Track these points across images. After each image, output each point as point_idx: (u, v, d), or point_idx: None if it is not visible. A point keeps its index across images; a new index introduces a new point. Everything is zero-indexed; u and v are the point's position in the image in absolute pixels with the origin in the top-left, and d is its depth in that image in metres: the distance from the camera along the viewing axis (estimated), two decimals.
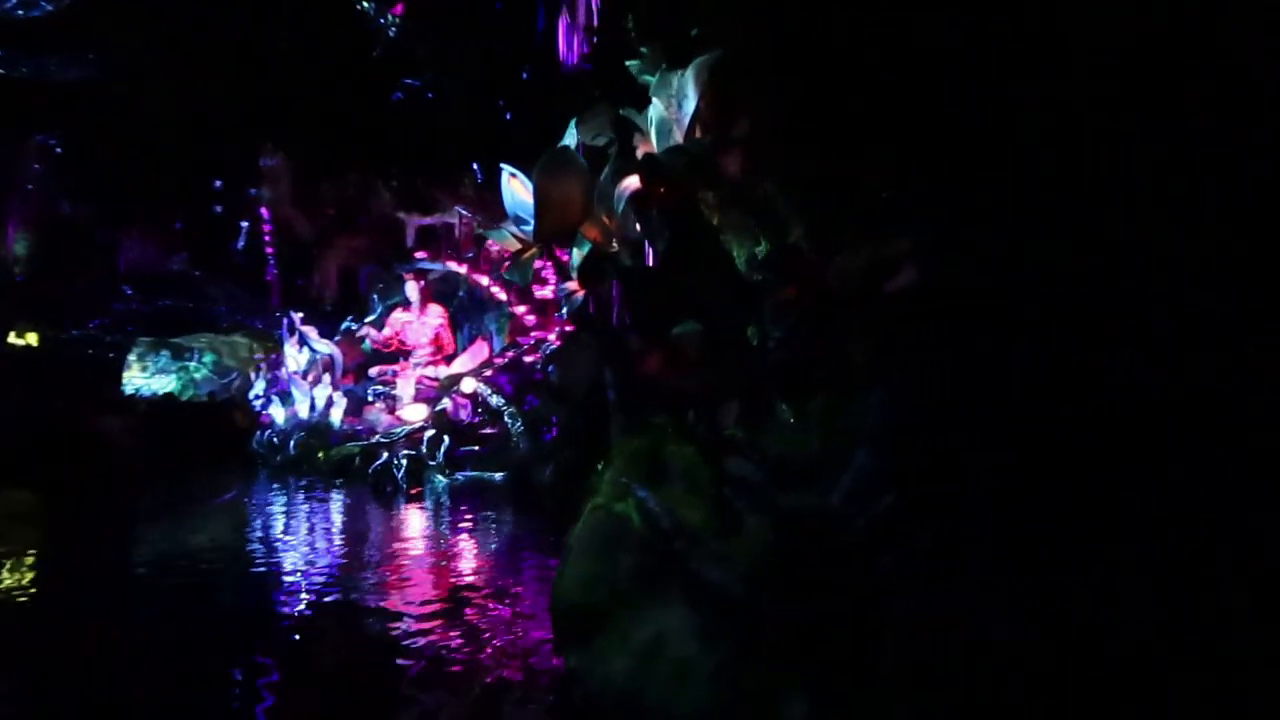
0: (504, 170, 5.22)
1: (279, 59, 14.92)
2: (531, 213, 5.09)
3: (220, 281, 25.16)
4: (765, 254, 4.62)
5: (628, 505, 4.80)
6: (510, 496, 15.82)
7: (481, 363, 21.84)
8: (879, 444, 3.70)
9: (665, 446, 4.77)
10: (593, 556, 4.97)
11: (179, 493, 15.84)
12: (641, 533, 4.71)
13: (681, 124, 4.65)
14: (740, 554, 4.37)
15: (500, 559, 9.49)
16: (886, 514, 3.73)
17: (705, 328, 3.82)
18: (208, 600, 7.06)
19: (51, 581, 8.29)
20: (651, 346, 4.08)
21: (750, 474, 4.70)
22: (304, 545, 9.97)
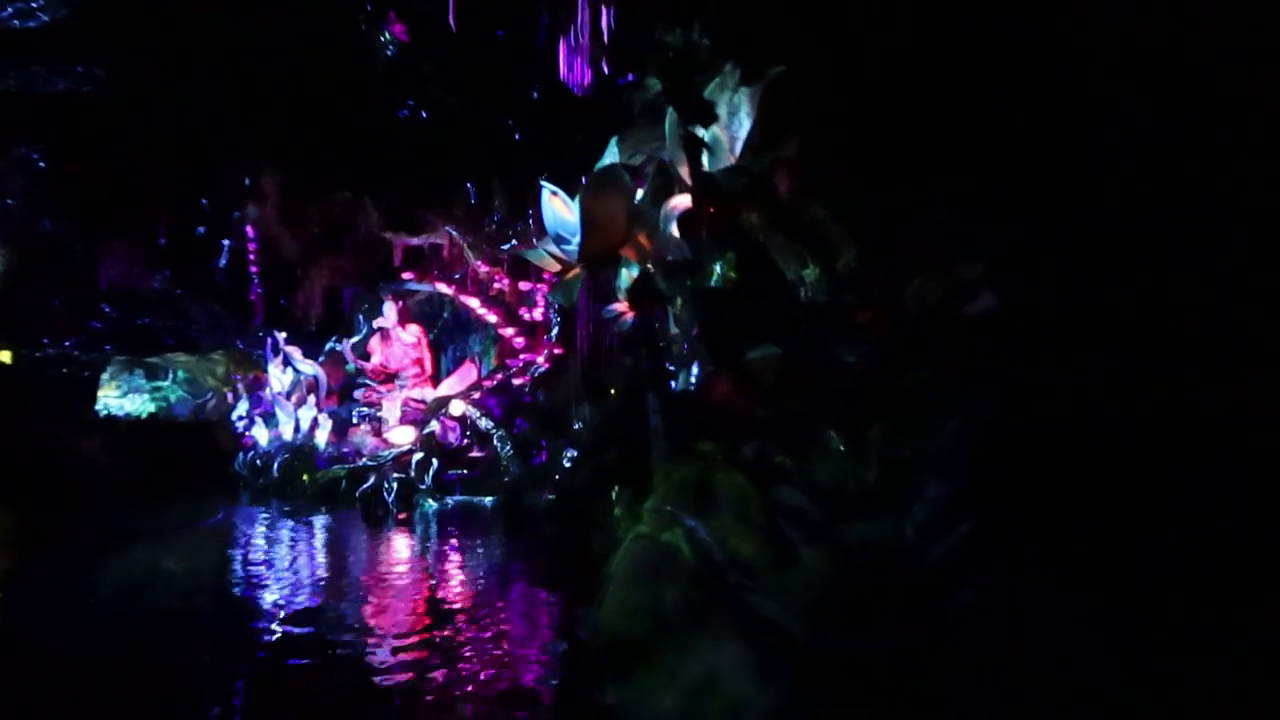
0: (544, 188, 5.09)
1: (272, 74, 14.73)
2: (573, 231, 4.96)
3: (202, 300, 24.75)
4: (825, 276, 4.52)
5: (675, 535, 4.66)
6: (503, 522, 15.56)
7: (470, 385, 21.57)
8: (955, 472, 3.58)
9: (714, 474, 4.64)
10: (637, 587, 4.81)
11: (159, 516, 15.41)
12: (691, 563, 4.56)
13: (735, 144, 4.57)
14: (799, 588, 4.24)
15: (498, 594, 9.28)
16: (964, 546, 3.62)
17: (784, 352, 3.70)
18: (189, 643, 6.66)
19: (21, 614, 7.97)
20: (723, 370, 3.96)
21: (802, 504, 4.58)
22: (294, 578, 9.69)
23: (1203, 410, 3.27)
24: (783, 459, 4.75)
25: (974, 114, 3.87)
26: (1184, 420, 3.25)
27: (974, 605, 3.53)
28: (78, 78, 13.47)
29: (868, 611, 3.90)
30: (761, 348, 3.84)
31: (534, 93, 11.35)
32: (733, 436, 4.23)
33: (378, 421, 22.30)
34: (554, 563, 10.95)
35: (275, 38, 13.22)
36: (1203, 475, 3.18)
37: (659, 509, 4.90)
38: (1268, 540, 2.94)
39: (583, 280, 20.94)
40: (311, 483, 19.18)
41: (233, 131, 17.52)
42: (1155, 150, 3.61)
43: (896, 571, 3.83)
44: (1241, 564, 2.98)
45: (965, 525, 3.49)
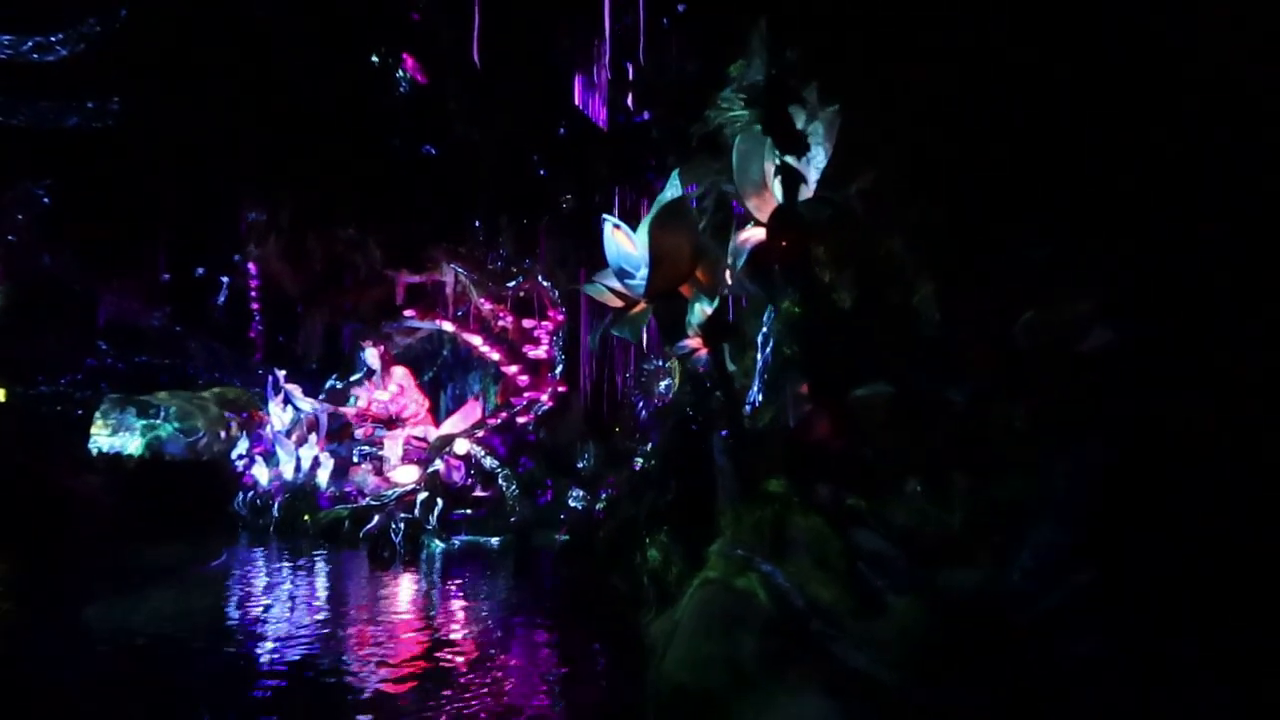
0: (606, 221, 4.95)
1: (281, 112, 14.66)
2: (636, 265, 4.82)
3: (201, 338, 24.49)
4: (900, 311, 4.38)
5: (750, 580, 4.46)
6: (513, 563, 15.23)
7: (474, 423, 21.31)
8: (1069, 516, 3.41)
9: (790, 517, 4.45)
10: (707, 636, 4.60)
11: (158, 559, 15.00)
12: (768, 611, 4.36)
13: (816, 174, 4.45)
14: (891, 636, 4.04)
15: (530, 645, 9.04)
16: (1081, 595, 3.43)
17: (898, 389, 3.55)
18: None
19: (33, 666, 7.66)
20: (824, 408, 3.80)
21: (882, 548, 4.39)
22: (316, 633, 9.40)
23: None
24: (856, 501, 4.57)
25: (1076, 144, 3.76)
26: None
27: (1095, 657, 3.34)
28: (88, 113, 13.37)
29: (971, 662, 3.70)
30: (871, 384, 3.69)
31: (559, 129, 11.31)
32: (816, 477, 4.04)
33: (379, 460, 21.98)
34: (579, 609, 10.68)
35: (287, 75, 13.18)
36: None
37: (728, 553, 4.71)
38: None
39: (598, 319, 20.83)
40: (314, 523, 18.82)
41: (238, 168, 17.42)
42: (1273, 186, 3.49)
43: (1002, 620, 3.64)
44: None
45: (1085, 572, 3.31)
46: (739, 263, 4.47)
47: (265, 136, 15.11)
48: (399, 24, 11.96)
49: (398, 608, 10.77)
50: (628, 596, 10.56)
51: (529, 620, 10.35)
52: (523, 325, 22.80)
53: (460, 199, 15.96)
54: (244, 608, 10.32)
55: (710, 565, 4.82)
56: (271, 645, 8.10)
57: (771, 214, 4.29)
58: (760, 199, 4.79)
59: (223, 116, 14.18)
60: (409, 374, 22.24)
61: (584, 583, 11.78)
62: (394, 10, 11.62)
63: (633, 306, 4.94)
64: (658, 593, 8.68)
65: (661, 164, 9.99)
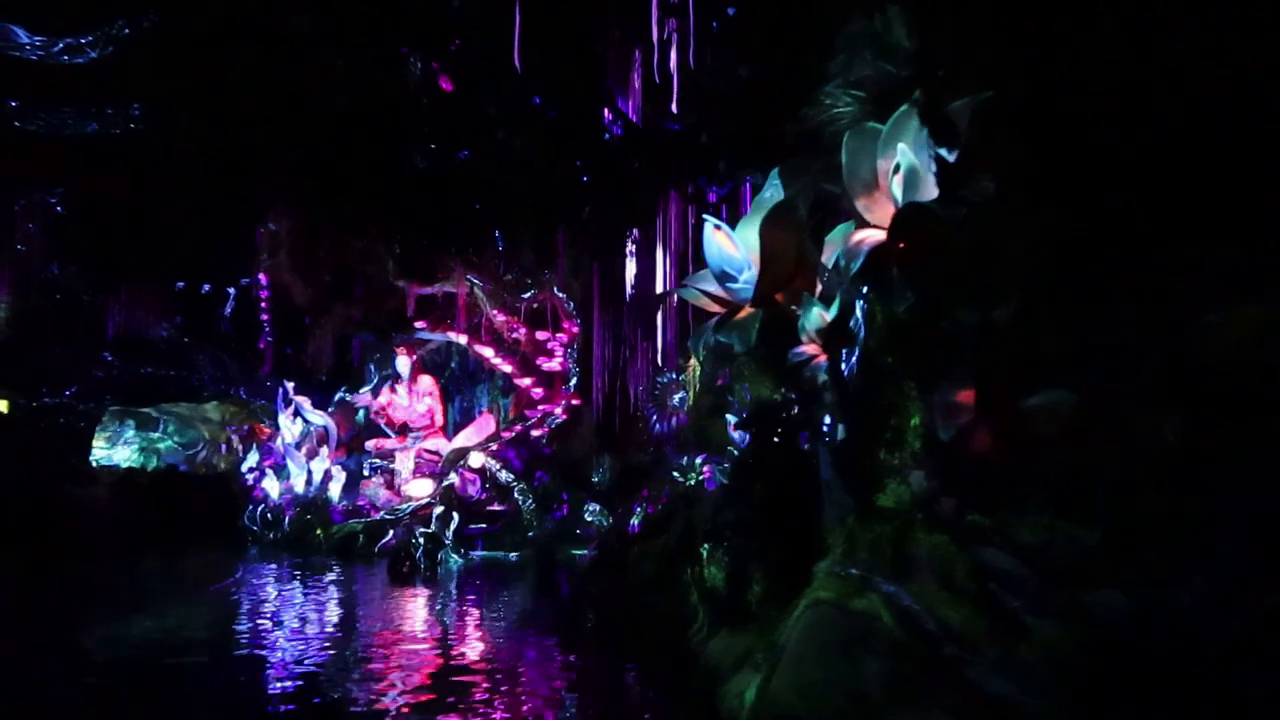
0: (707, 222, 4.74)
1: (300, 120, 14.43)
2: (739, 268, 4.61)
3: (209, 349, 24.16)
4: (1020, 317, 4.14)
5: (871, 601, 4.21)
6: (534, 579, 14.93)
7: (488, 436, 21.02)
8: (1255, 535, 3.17)
9: (912, 534, 4.20)
10: (823, 660, 4.34)
11: (171, 576, 14.67)
12: (894, 634, 4.12)
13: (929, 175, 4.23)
14: (1035, 662, 3.79)
15: (580, 669, 8.78)
16: (1272, 620, 3.19)
17: (1082, 397, 3.32)
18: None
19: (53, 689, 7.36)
20: (989, 418, 3.57)
21: (1012, 567, 4.15)
22: (355, 657, 9.11)
23: None
24: (979, 517, 4.32)
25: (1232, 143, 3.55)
26: None
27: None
28: (108, 120, 13.10)
29: (1136, 691, 3.45)
30: (1050, 392, 3.45)
31: (604, 134, 11.10)
32: (979, 492, 3.80)
33: (390, 474, 21.64)
34: (616, 628, 10.38)
35: (312, 82, 12.95)
36: None
37: (840, 572, 4.45)
38: None
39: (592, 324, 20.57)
40: (326, 537, 18.48)
41: (253, 177, 17.16)
42: None
43: (1172, 647, 3.39)
44: None
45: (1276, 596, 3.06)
46: (854, 265, 4.25)
47: (284, 145, 14.87)
48: (434, 30, 11.75)
49: (432, 629, 10.46)
50: (668, 614, 10.32)
51: (566, 639, 10.08)
52: (536, 337, 22.54)
53: (481, 208, 15.72)
54: (274, 629, 9.98)
55: (819, 585, 4.57)
56: (315, 668, 7.81)
57: (899, 213, 4.07)
58: (870, 199, 4.57)
59: (242, 124, 13.94)
60: (435, 385, 21.98)
61: (616, 600, 11.50)
62: (428, 16, 11.42)
63: (735, 311, 4.72)
64: (712, 611, 8.43)
65: (713, 169, 9.81)
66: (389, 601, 12.44)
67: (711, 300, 4.98)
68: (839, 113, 4.83)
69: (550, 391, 22.33)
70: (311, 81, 12.81)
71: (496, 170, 13.19)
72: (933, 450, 4.57)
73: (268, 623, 10.30)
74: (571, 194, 13.11)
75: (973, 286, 4.27)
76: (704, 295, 4.98)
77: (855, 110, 4.75)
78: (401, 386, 21.87)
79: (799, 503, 5.00)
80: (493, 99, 11.99)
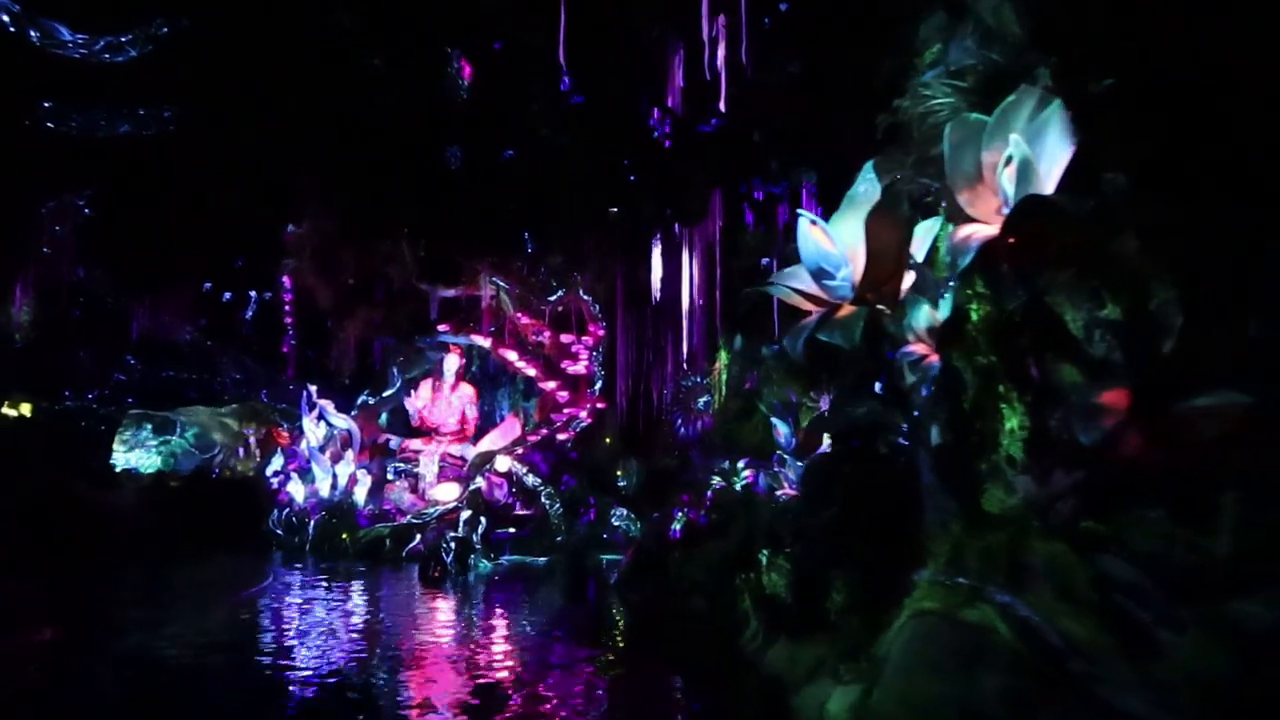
0: (802, 217, 4.57)
1: (333, 119, 14.32)
2: (836, 265, 4.43)
3: (233, 353, 24.09)
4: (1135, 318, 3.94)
5: (985, 613, 4.02)
6: (565, 585, 14.75)
7: (513, 440, 20.83)
8: None
9: (1028, 542, 4.01)
10: (933, 674, 4.15)
11: (202, 582, 14.51)
12: (1013, 647, 3.92)
13: (1050, 166, 4.04)
14: (1173, 679, 3.59)
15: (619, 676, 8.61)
16: None
17: (1258, 398, 3.13)
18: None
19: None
20: (1145, 419, 3.38)
21: (1135, 577, 3.94)
22: (408, 665, 8.95)
23: None
24: (1095, 525, 4.12)
25: None
26: None
27: None
28: (140, 120, 13.00)
29: None
30: (1218, 393, 3.26)
31: (653, 132, 10.93)
32: (1133, 500, 3.61)
33: (414, 478, 21.48)
34: (659, 635, 10.20)
35: (347, 82, 12.83)
36: None
37: (946, 581, 4.26)
38: None
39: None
40: (353, 542, 18.31)
41: (284, 179, 17.06)
42: None
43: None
44: None
45: None
46: (963, 261, 4.07)
47: (316, 146, 14.75)
48: (477, 28, 11.62)
49: (471, 635, 10.30)
50: (714, 621, 10.14)
51: (607, 646, 9.93)
52: (560, 340, 22.38)
53: (513, 209, 15.57)
54: (318, 636, 9.83)
55: (922, 595, 4.38)
56: (367, 674, 7.66)
57: (1017, 206, 3.89)
58: (973, 192, 4.39)
59: (276, 124, 13.83)
60: (475, 396, 21.94)
61: (657, 606, 11.32)
62: (472, 15, 11.28)
63: (834, 309, 4.53)
64: (769, 619, 8.24)
65: (765, 167, 9.64)
66: (425, 607, 12.29)
67: (804, 299, 4.80)
68: (937, 104, 4.65)
69: (575, 395, 22.15)
70: (349, 81, 12.69)
71: (538, 169, 12.99)
72: (1040, 454, 4.39)
73: (311, 629, 10.17)
74: (612, 194, 12.92)
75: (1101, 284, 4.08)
76: (796, 293, 4.81)
77: (955, 101, 4.56)
78: (444, 387, 21.79)
79: (890, 508, 4.81)
80: (537, 96, 11.83)
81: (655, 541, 12.30)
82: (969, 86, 4.55)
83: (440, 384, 21.63)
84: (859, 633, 5.25)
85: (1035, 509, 4.04)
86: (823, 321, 4.66)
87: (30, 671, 7.87)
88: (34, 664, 8.16)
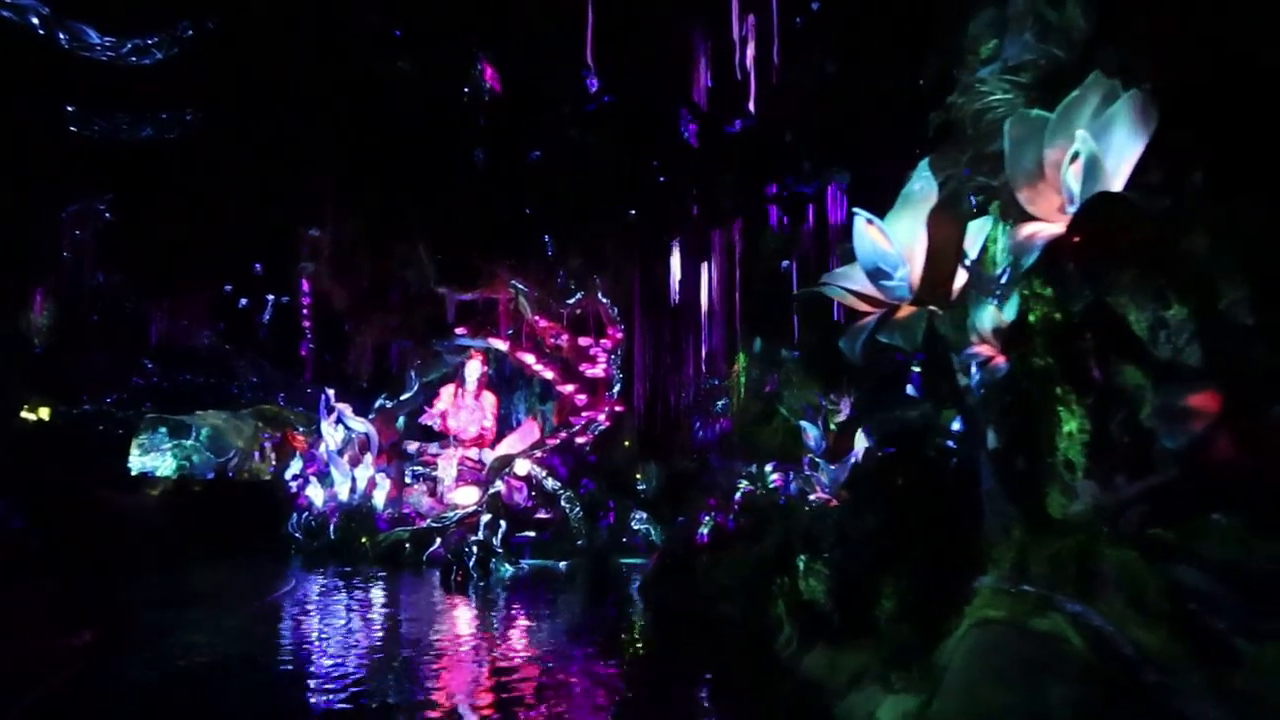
0: (858, 216, 4.47)
1: (357, 123, 14.28)
2: (894, 264, 4.34)
3: (249, 356, 24.11)
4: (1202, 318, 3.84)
5: (1055, 622, 3.91)
6: (588, 588, 14.66)
7: (532, 443, 20.75)
8: None
9: (1098, 549, 3.90)
10: (998, 684, 4.04)
11: (226, 586, 14.47)
12: (1085, 657, 3.81)
13: (1118, 163, 3.94)
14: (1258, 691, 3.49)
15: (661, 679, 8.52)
16: None
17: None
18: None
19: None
20: (1234, 424, 3.28)
21: (1207, 586, 3.84)
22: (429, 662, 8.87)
23: None
24: (1164, 533, 4.01)
25: None
26: None
27: None
28: (162, 124, 13.00)
29: None
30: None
31: (684, 131, 10.84)
32: (1221, 505, 3.51)
33: (432, 481, 21.45)
34: (692, 642, 10.08)
35: (371, 86, 12.78)
36: None
37: (1011, 589, 4.15)
38: None
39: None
40: (373, 546, 18.28)
41: (301, 183, 17.05)
42: None
43: None
44: None
45: None
46: (1026, 261, 3.97)
47: (339, 149, 14.72)
48: (503, 30, 11.56)
49: (498, 639, 10.22)
50: (742, 626, 10.04)
51: (633, 649, 9.85)
52: (578, 343, 22.30)
53: (532, 212, 15.50)
54: (351, 639, 9.78)
55: (985, 602, 4.28)
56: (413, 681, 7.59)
57: (1086, 203, 3.78)
58: (1034, 190, 4.29)
59: (298, 128, 13.80)
60: (497, 405, 21.93)
61: (683, 611, 11.21)
62: (498, 17, 11.22)
63: (893, 310, 4.44)
64: (805, 624, 8.13)
65: (796, 167, 9.55)
66: (455, 613, 12.23)
67: (859, 299, 4.70)
68: (994, 100, 4.55)
69: (593, 398, 22.07)
70: (370, 83, 12.65)
71: (565, 171, 12.89)
72: (1104, 459, 4.28)
73: (341, 632, 10.13)
74: (640, 194, 12.82)
75: (1167, 283, 3.98)
76: (850, 294, 4.71)
77: (1013, 97, 4.46)
78: (466, 395, 21.75)
79: (946, 513, 4.71)
80: (567, 97, 11.75)
81: (682, 545, 12.20)
82: (1028, 82, 4.45)
83: (462, 391, 21.56)
84: (911, 640, 5.14)
85: (1104, 515, 3.93)
86: (882, 323, 4.56)
87: (110, 670, 7.86)
88: (101, 664, 8.13)
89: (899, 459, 5.35)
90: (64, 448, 23.34)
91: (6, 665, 7.55)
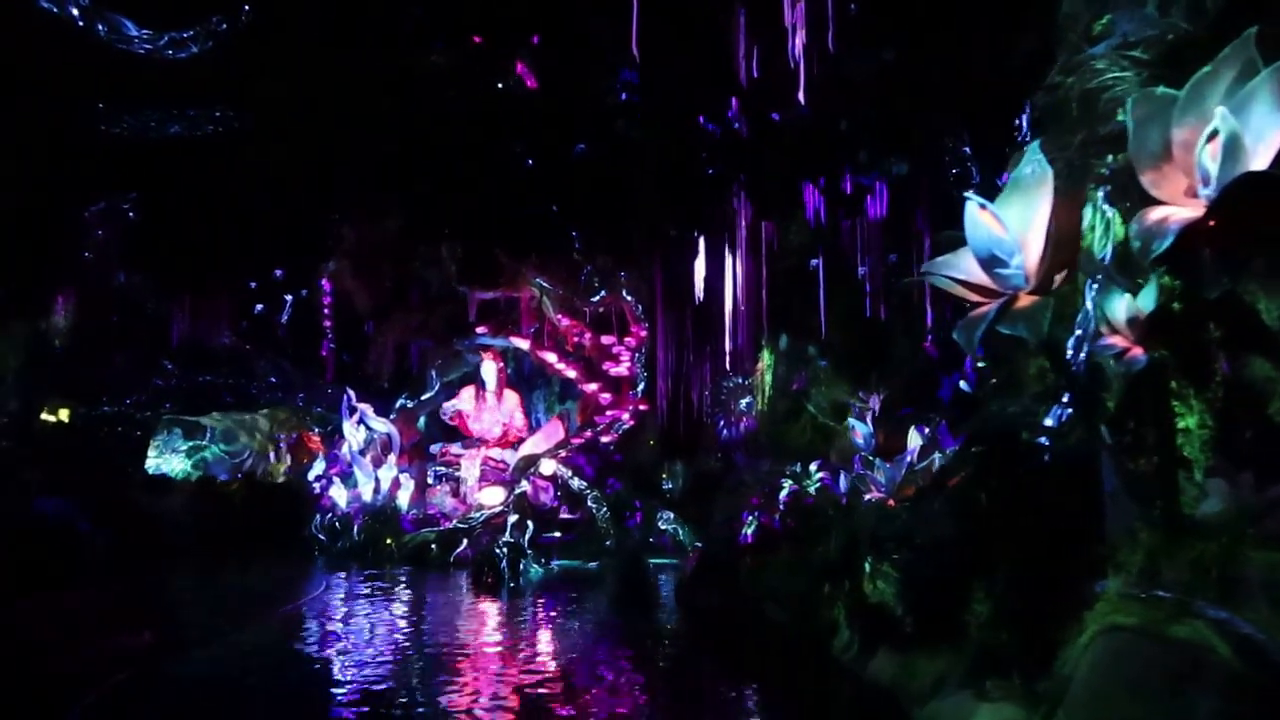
0: (970, 200, 4.26)
1: (388, 121, 14.07)
2: (1009, 252, 4.13)
3: (270, 356, 23.95)
4: None
5: (1197, 629, 3.68)
6: (623, 590, 14.46)
7: (557, 443, 20.51)
8: None
9: (1241, 552, 3.67)
10: (1136, 696, 3.81)
11: (256, 590, 14.28)
12: (1234, 668, 3.58)
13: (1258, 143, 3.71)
14: None
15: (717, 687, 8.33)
16: None
17: None
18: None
19: None
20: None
21: None
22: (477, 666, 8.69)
23: None
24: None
25: None
26: None
27: None
28: (191, 121, 12.82)
29: None
30: None
31: (734, 123, 10.62)
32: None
33: (455, 482, 21.24)
34: (739, 645, 9.87)
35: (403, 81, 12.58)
36: None
37: (1141, 595, 3.92)
38: None
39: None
40: (398, 547, 18.08)
41: (324, 182, 16.87)
42: None
43: None
44: None
45: None
46: (1157, 247, 3.74)
47: (366, 146, 14.53)
48: (540, 20, 11.35)
49: (537, 643, 10.05)
50: (791, 629, 9.80)
51: (678, 652, 9.66)
52: (601, 342, 22.06)
53: (553, 211, 15.28)
54: (398, 645, 9.63)
55: (1112, 609, 4.05)
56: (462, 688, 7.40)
57: (1230, 185, 3.56)
58: (1159, 173, 4.07)
59: (329, 125, 13.61)
60: (520, 405, 21.72)
61: (727, 613, 10.99)
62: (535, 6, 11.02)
63: (1013, 300, 4.23)
64: (867, 627, 7.89)
65: (851, 157, 9.32)
66: (489, 614, 12.06)
67: (968, 289, 4.48)
68: (1111, 79, 4.32)
69: (617, 397, 21.83)
70: (398, 81, 12.46)
71: (608, 166, 12.64)
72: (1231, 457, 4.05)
73: (382, 635, 9.99)
74: (672, 188, 12.60)
75: None
76: (958, 283, 4.49)
77: (1133, 75, 4.24)
78: (488, 395, 21.54)
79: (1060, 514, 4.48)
80: (606, 89, 11.53)
81: (723, 546, 11.97)
82: (1149, 59, 4.22)
83: (483, 393, 21.33)
84: (1009, 647, 4.91)
85: (1249, 516, 3.70)
86: (1002, 313, 4.34)
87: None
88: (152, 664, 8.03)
89: (1001, 456, 5.11)
90: (85, 449, 23.23)
91: (88, 665, 7.63)
